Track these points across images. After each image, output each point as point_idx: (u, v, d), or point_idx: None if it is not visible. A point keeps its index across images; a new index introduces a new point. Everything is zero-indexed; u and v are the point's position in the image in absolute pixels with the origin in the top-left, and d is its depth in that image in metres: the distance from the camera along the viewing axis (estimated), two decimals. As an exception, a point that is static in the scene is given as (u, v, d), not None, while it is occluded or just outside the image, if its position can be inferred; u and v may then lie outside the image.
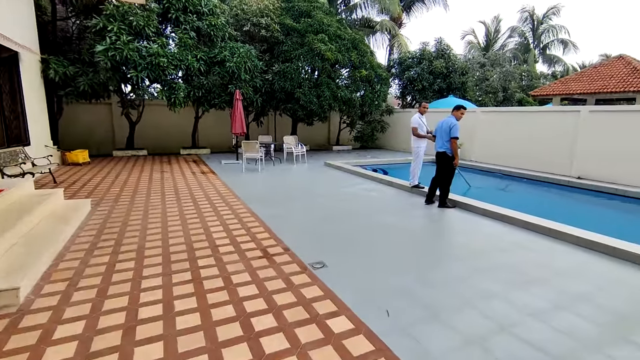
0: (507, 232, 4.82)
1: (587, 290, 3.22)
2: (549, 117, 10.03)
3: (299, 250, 4.05)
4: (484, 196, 7.35)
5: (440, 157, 6.01)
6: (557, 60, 27.22)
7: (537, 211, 5.32)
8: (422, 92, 15.92)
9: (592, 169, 8.97)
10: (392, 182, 7.81)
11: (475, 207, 5.75)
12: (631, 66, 12.90)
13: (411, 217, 5.62)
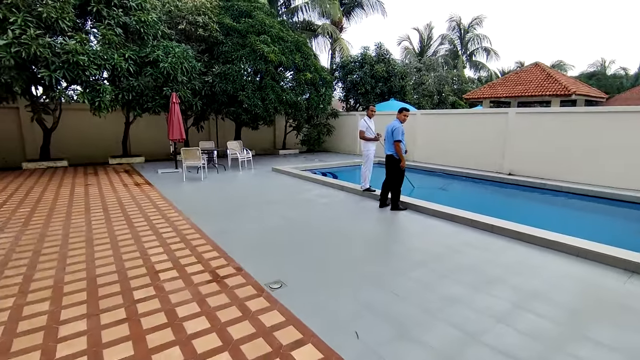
0: (458, 232, 4.94)
1: (539, 287, 3.33)
2: (482, 119, 10.80)
3: (253, 269, 3.68)
4: (429, 196, 7.58)
5: (389, 160, 6.04)
6: (482, 67, 29.92)
7: (479, 208, 5.58)
8: (365, 95, 16.27)
9: (520, 166, 9.81)
10: (344, 186, 7.73)
11: (426, 208, 5.85)
12: (545, 73, 14.59)
13: (367, 222, 5.53)
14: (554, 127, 9.07)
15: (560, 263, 3.88)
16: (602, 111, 8.47)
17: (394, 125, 5.91)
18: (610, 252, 3.85)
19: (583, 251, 4.00)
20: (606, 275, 3.59)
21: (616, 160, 8.04)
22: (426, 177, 10.60)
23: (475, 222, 5.08)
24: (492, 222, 4.92)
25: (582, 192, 7.70)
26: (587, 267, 3.76)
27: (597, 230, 6.12)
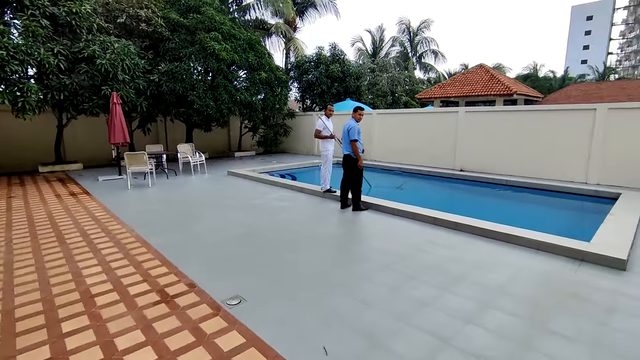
0: (421, 231, 4.93)
1: (502, 282, 3.36)
2: (435, 118, 11.16)
3: (208, 285, 3.33)
4: (388, 195, 7.61)
5: (346, 160, 5.93)
6: (431, 68, 31.33)
7: (436, 204, 5.67)
8: (321, 95, 16.20)
9: (470, 162, 10.27)
10: (304, 188, 7.51)
11: (387, 207, 5.82)
12: (490, 74, 15.56)
13: (329, 225, 5.35)
14: (499, 125, 9.59)
15: (520, 256, 3.98)
16: (541, 109, 9.10)
17: (350, 125, 5.82)
18: (560, 243, 4.02)
19: (536, 243, 4.14)
20: (559, 265, 3.72)
21: (554, 155, 8.68)
22: (384, 176, 10.73)
23: (438, 220, 5.12)
24: (455, 219, 4.98)
25: (527, 186, 8.17)
26: (542, 259, 3.89)
27: (544, 221, 6.49)
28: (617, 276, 3.46)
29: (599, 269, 3.60)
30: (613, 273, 3.52)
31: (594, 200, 7.03)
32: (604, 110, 7.98)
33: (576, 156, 8.36)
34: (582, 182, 8.26)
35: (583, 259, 3.81)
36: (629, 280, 3.38)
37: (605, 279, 3.39)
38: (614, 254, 3.68)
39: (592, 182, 8.17)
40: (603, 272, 3.54)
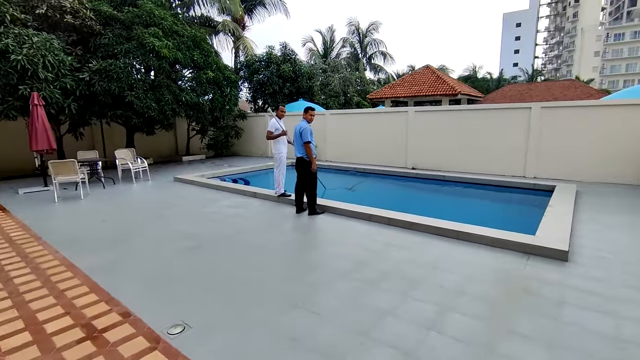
0: (378, 233, 4.85)
1: (459, 282, 3.35)
2: (386, 117, 11.34)
3: (147, 312, 2.92)
4: (344, 196, 7.53)
5: (300, 163, 5.72)
6: (380, 69, 32.21)
7: (390, 203, 5.66)
8: (273, 95, 15.83)
9: (421, 160, 10.57)
10: (257, 192, 7.15)
11: (343, 209, 5.69)
12: (435, 75, 16.27)
13: (284, 232, 5.09)
14: (446, 123, 9.98)
15: (474, 254, 4.03)
16: (483, 108, 9.61)
17: (302, 126, 5.61)
18: (510, 238, 4.14)
19: (489, 239, 4.24)
20: (511, 260, 3.82)
21: (496, 151, 9.20)
22: (338, 177, 10.68)
23: (394, 221, 5.08)
24: (410, 219, 4.96)
25: (474, 182, 8.54)
26: (495, 255, 3.97)
27: (494, 215, 6.79)
28: (561, 267, 3.61)
29: (545, 262, 3.74)
30: (557, 264, 3.67)
31: (534, 193, 7.52)
32: (537, 108, 8.60)
33: (515, 152, 8.93)
34: (521, 176, 8.84)
35: (531, 253, 3.95)
36: (571, 271, 3.54)
37: (551, 272, 3.52)
38: (557, 245, 3.85)
39: (530, 175, 8.78)
40: (549, 265, 3.67)
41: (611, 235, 4.49)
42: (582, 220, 5.11)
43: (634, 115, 7.49)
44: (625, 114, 7.58)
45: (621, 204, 6.05)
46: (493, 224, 4.60)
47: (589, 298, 3.00)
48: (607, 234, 4.55)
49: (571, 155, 8.24)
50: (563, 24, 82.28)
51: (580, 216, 5.34)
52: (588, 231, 4.66)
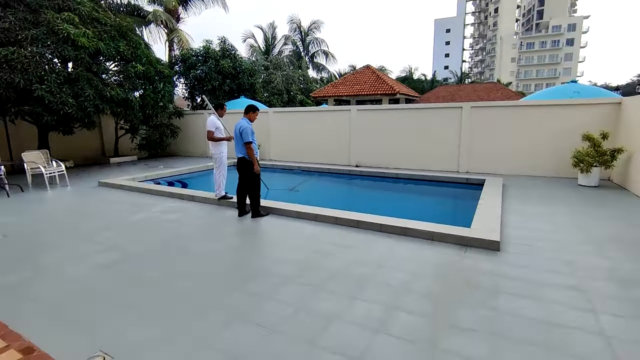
0: (324, 233, 4.76)
1: (404, 279, 3.37)
2: (330, 115, 11.37)
3: (56, 343, 2.46)
4: (290, 196, 7.37)
5: (241, 164, 5.41)
6: (323, 68, 32.50)
7: (336, 202, 5.63)
8: (212, 92, 15.04)
9: (364, 158, 10.79)
10: (196, 196, 6.66)
11: (288, 210, 5.51)
12: (376, 74, 16.77)
13: (225, 237, 4.75)
14: (387, 122, 10.30)
15: (418, 249, 4.12)
16: (420, 107, 10.07)
17: (242, 126, 5.31)
18: (449, 231, 4.31)
19: (430, 234, 4.37)
20: (451, 253, 3.96)
21: (433, 148, 9.73)
22: (284, 176, 10.47)
23: (340, 220, 5.02)
24: (356, 217, 4.95)
25: (414, 177, 8.91)
26: (437, 249, 4.10)
27: (433, 210, 7.11)
28: (494, 257, 3.83)
29: (481, 252, 3.95)
30: (491, 255, 3.89)
31: (467, 187, 8.04)
32: (468, 108, 9.23)
33: (450, 149, 9.51)
34: (455, 171, 9.44)
35: (468, 245, 4.15)
36: (503, 260, 3.77)
37: (486, 262, 3.71)
38: (490, 237, 4.09)
39: (463, 170, 9.41)
40: (484, 255, 3.88)
41: (534, 224, 4.91)
42: (509, 211, 5.54)
43: (548, 114, 8.38)
44: (542, 114, 8.46)
45: (541, 194, 6.70)
46: (433, 218, 4.78)
47: (520, 285, 3.20)
48: (530, 223, 4.96)
49: (497, 151, 8.98)
50: (485, 31, 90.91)
51: (507, 207, 5.79)
52: (514, 221, 5.05)
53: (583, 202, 6.06)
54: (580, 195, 6.54)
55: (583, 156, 7.27)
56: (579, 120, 8.08)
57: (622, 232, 4.51)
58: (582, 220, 5.06)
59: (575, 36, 71.52)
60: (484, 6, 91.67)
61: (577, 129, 7.99)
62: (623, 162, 7.20)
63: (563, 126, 8.24)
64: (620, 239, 4.27)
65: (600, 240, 4.24)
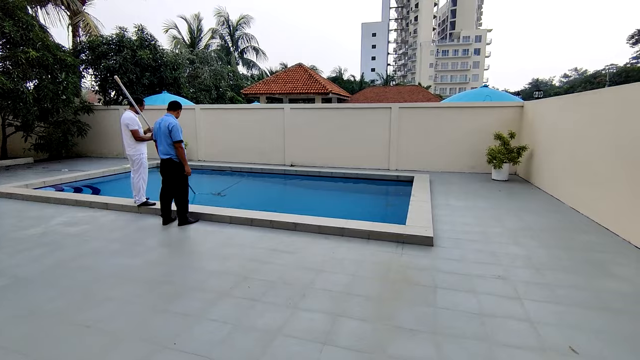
0: (259, 238, 4.46)
1: (346, 282, 3.27)
2: (263, 114, 10.98)
3: None
4: (221, 200, 6.89)
5: (168, 166, 4.84)
6: (254, 65, 31.59)
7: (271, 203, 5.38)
8: (129, 86, 13.49)
9: (299, 157, 10.66)
10: (110, 203, 5.80)
11: (221, 215, 5.08)
12: (308, 73, 16.71)
13: (148, 249, 4.17)
14: (320, 120, 10.29)
15: (356, 249, 4.06)
16: (353, 107, 10.25)
17: (170, 122, 4.73)
18: (385, 229, 4.36)
19: (367, 233, 4.37)
20: (389, 251, 3.99)
21: (365, 146, 9.99)
22: (213, 179, 9.82)
23: (276, 223, 4.77)
24: (293, 219, 4.74)
25: (347, 176, 9.02)
26: (375, 248, 4.09)
27: (369, 207, 7.23)
28: (429, 252, 3.95)
29: (416, 249, 4.05)
30: (426, 250, 4.01)
31: (398, 184, 8.39)
32: (396, 108, 9.65)
33: (381, 147, 9.85)
34: (386, 169, 9.82)
35: (404, 242, 4.23)
36: (437, 255, 3.91)
37: (422, 258, 3.80)
38: (424, 233, 4.23)
39: (393, 168, 9.83)
40: (419, 251, 3.98)
41: (460, 218, 5.25)
42: (438, 206, 5.86)
43: (465, 116, 9.15)
44: (460, 115, 9.20)
45: (462, 189, 7.25)
46: (369, 215, 4.82)
47: (454, 279, 3.32)
48: (457, 217, 5.29)
49: (422, 149, 9.56)
50: (407, 37, 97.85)
51: (435, 202, 6.13)
52: (443, 215, 5.34)
53: (497, 196, 6.71)
54: (494, 189, 7.24)
55: (495, 153, 8.07)
56: (490, 121, 8.97)
57: (531, 222, 5.04)
58: (498, 212, 5.56)
59: (481, 47, 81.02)
60: (405, 14, 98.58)
61: (489, 128, 8.86)
62: (526, 158, 8.18)
63: (478, 126, 9.07)
64: (529, 228, 4.76)
65: (515, 230, 4.68)
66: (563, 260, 3.73)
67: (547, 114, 7.25)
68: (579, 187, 5.64)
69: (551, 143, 6.90)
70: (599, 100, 5.26)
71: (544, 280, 3.29)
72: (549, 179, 6.90)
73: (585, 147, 5.49)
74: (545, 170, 7.09)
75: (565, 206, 5.88)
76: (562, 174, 6.31)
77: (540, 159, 7.37)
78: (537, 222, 5.01)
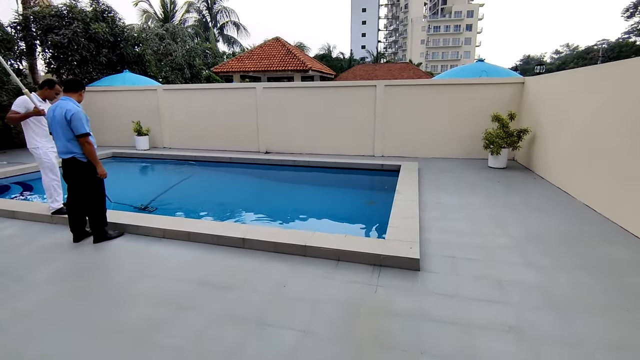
0: (193, 262, 3.39)
1: (290, 345, 2.24)
2: (233, 94, 9.69)
3: None
4: (159, 201, 5.75)
5: (71, 167, 3.65)
6: (235, 41, 29.63)
7: (234, 202, 4.31)
8: (83, 64, 11.96)
9: (274, 143, 9.50)
10: (18, 210, 4.62)
11: (151, 228, 3.97)
12: (286, 48, 15.19)
13: (50, 277, 3.07)
14: (297, 101, 9.09)
15: (320, 278, 3.03)
16: (334, 85, 9.02)
17: (69, 109, 3.52)
18: (360, 249, 3.33)
19: (336, 253, 3.33)
20: (360, 282, 2.97)
21: (348, 130, 8.87)
22: (165, 173, 8.63)
23: (223, 239, 3.69)
24: (243, 233, 3.66)
25: (328, 166, 7.90)
26: (343, 276, 3.07)
27: (343, 207, 6.19)
28: (413, 282, 2.94)
29: (397, 276, 3.04)
30: (410, 278, 3.01)
31: (383, 174, 7.35)
32: (382, 86, 8.48)
33: (364, 130, 8.74)
34: (371, 155, 8.75)
35: (382, 264, 3.21)
36: (423, 286, 2.89)
37: (404, 294, 2.79)
38: (408, 253, 3.21)
39: (378, 154, 8.76)
40: (401, 280, 2.97)
41: (453, 223, 4.24)
42: (427, 205, 4.85)
43: (459, 94, 8.04)
44: (453, 93, 8.08)
45: (455, 180, 6.24)
46: (346, 217, 3.78)
47: (447, 333, 2.32)
48: (449, 222, 4.29)
49: (411, 132, 8.48)
50: (398, 13, 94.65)
51: (424, 198, 5.12)
52: (433, 219, 4.34)
53: (496, 188, 5.72)
54: (492, 179, 6.25)
55: (493, 138, 7.04)
56: (487, 100, 7.88)
57: (540, 226, 4.06)
58: (500, 212, 4.57)
59: (473, 22, 78.74)
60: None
61: (486, 109, 7.79)
62: (527, 143, 7.17)
63: (473, 106, 7.99)
64: (540, 237, 3.79)
65: (524, 241, 3.69)
66: (594, 292, 2.76)
67: (554, 91, 6.19)
68: (595, 181, 4.66)
69: (558, 126, 5.87)
70: (627, 72, 4.19)
71: (573, 333, 2.31)
72: (554, 168, 5.92)
73: (607, 132, 4.47)
74: (550, 158, 6.09)
75: (577, 202, 4.92)
76: (571, 163, 5.32)
77: (544, 144, 6.37)
78: (548, 227, 4.04)
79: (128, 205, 5.39)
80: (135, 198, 5.67)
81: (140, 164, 9.33)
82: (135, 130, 10.08)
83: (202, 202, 6.27)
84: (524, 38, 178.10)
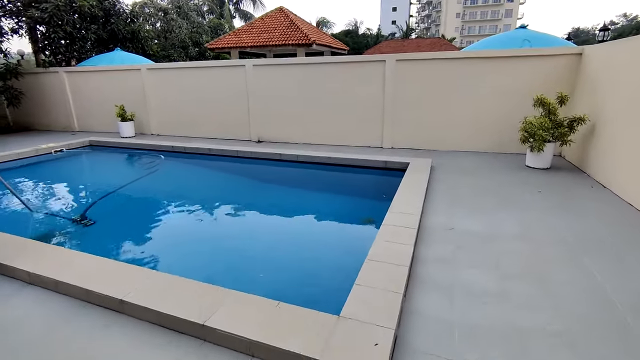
0: (65, 324, 2.18)
1: None
2: (220, 74, 8.37)
3: None
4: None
5: None
6: (251, 16, 28.02)
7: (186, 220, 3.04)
8: (70, 43, 11.02)
9: (267, 130, 8.19)
10: None
11: (13, 268, 2.77)
12: (289, 19, 13.49)
13: None
14: (293, 82, 7.64)
15: None
16: (335, 61, 7.43)
17: None
18: (286, 346, 1.95)
19: (247, 344, 1.98)
20: None
21: (352, 116, 7.36)
22: (130, 166, 7.51)
23: (94, 296, 2.44)
24: (121, 293, 2.35)
25: (326, 162, 6.40)
26: None
27: (318, 236, 4.78)
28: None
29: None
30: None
31: (385, 175, 5.83)
32: (392, 62, 6.82)
33: (372, 116, 7.20)
34: (379, 147, 7.23)
35: (322, 372, 1.82)
36: None
37: None
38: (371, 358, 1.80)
39: (387, 145, 7.22)
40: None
41: (469, 276, 2.74)
42: (431, 233, 3.35)
43: (492, 70, 6.26)
44: (484, 69, 6.32)
45: (478, 189, 4.64)
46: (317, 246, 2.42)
47: None
48: (463, 271, 2.79)
49: (429, 119, 6.84)
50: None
51: (431, 219, 3.62)
52: (436, 263, 2.86)
53: (536, 203, 4.08)
54: (531, 188, 4.58)
55: (535, 129, 5.27)
56: (528, 78, 6.06)
57: (618, 294, 2.48)
58: (546, 256, 3.00)
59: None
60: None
61: (526, 89, 5.99)
62: (581, 135, 5.35)
63: (509, 85, 6.20)
64: (624, 325, 2.22)
65: (595, 333, 2.15)
66: None
67: (629, 65, 4.32)
68: None
69: (634, 115, 4.07)
70: None
71: None
72: (627, 176, 4.15)
73: None
74: (621, 161, 4.31)
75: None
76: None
77: (610, 140, 4.57)
78: (634, 299, 2.44)
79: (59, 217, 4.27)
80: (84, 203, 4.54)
81: (114, 156, 8.24)
82: (119, 115, 9.07)
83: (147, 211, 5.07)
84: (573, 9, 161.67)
